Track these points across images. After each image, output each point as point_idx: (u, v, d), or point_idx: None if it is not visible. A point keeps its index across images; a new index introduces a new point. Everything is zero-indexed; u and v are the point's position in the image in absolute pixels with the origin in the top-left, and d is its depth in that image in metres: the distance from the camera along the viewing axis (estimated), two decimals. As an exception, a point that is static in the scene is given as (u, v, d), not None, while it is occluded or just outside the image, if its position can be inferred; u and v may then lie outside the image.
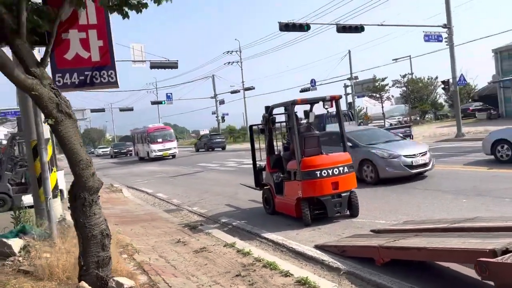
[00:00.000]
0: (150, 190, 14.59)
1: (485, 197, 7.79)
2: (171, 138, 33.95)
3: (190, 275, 5.17)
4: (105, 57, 5.76)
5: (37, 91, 3.49)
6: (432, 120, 45.23)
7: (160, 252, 6.34)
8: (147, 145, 32.82)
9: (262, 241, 6.73)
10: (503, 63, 33.11)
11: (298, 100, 7.46)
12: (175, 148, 33.49)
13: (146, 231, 8.07)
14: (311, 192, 7.14)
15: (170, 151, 32.75)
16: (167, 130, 35.29)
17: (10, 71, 3.34)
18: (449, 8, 22.95)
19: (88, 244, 3.99)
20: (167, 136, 33.66)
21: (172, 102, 48.12)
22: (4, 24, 3.47)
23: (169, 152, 32.63)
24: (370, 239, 5.52)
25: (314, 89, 43.50)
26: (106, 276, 4.08)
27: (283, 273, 4.84)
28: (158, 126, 36.02)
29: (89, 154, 23.32)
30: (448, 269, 4.68)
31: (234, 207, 9.91)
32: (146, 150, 33.22)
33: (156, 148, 32.19)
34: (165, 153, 32.34)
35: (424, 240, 4.54)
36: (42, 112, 3.62)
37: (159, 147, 32.28)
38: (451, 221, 5.46)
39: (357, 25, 20.71)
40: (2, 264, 5.20)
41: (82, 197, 3.92)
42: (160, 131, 33.95)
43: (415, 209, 7.60)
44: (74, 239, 5.67)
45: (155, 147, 32.23)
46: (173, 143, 33.57)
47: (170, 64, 23.11)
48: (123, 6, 4.89)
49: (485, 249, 3.49)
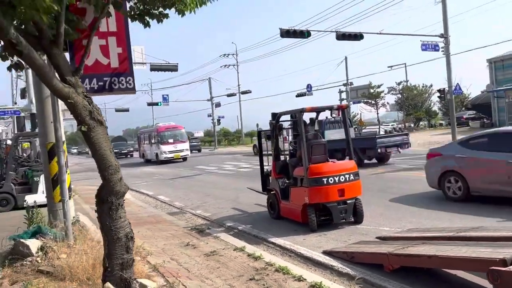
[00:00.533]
0: (151, 192, 14.70)
1: (487, 206, 8.02)
2: (183, 139, 30.42)
3: (204, 278, 5.31)
4: (124, 64, 5.91)
5: (72, 99, 3.64)
6: (426, 127, 45.77)
7: (171, 255, 6.48)
8: (157, 146, 29.62)
9: (269, 246, 6.89)
10: (497, 73, 33.64)
11: (307, 108, 7.66)
12: (187, 150, 30.26)
13: (153, 233, 8.20)
14: (318, 199, 7.33)
15: (182, 153, 29.50)
16: (178, 129, 31.13)
17: (50, 80, 3.48)
18: (446, 18, 23.37)
19: (113, 246, 4.13)
20: (178, 136, 30.18)
21: (168, 104, 48.14)
22: (43, 35, 3.62)
23: (181, 154, 29.42)
24: (378, 246, 5.72)
25: (310, 94, 43.77)
26: (129, 277, 4.22)
27: (296, 277, 5.01)
28: (169, 125, 31.69)
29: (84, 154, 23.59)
30: (455, 276, 4.88)
31: (238, 211, 10.06)
32: (155, 151, 30.06)
33: (167, 149, 28.90)
34: (177, 155, 29.15)
35: (433, 248, 4.73)
36: (76, 119, 3.77)
37: (169, 149, 29.02)
38: (456, 229, 5.67)
39: (356, 33, 21.00)
40: (21, 264, 5.32)
41: (109, 201, 4.06)
42: (171, 131, 30.39)
43: (417, 217, 7.81)
44: (90, 240, 5.83)
45: (165, 148, 28.93)
46: (185, 144, 30.14)
47: (170, 67, 23.25)
48: (145, 16, 5.07)
49: (495, 258, 3.69)
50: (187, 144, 30.59)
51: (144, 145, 33.39)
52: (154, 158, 30.45)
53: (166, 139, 29.39)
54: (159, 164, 28.23)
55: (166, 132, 30.02)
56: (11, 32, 3.15)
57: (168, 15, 5.07)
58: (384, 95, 43.32)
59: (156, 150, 29.80)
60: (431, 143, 25.69)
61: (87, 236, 6.01)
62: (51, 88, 3.55)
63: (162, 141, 29.23)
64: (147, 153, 32.45)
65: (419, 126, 46.12)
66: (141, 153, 34.78)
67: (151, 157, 31.33)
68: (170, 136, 29.69)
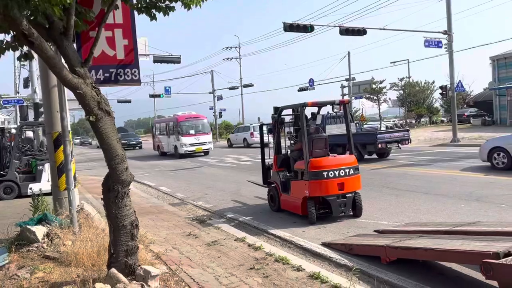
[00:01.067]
0: (153, 184, 14.84)
1: (483, 203, 8.15)
2: (206, 130, 27.12)
3: (206, 266, 5.45)
4: (130, 55, 6.01)
5: (81, 89, 3.75)
6: (427, 124, 45.82)
7: (173, 244, 6.61)
8: (176, 137, 26.28)
9: (269, 237, 7.02)
10: (499, 70, 33.67)
11: (309, 103, 7.75)
12: (210, 143, 26.77)
13: (155, 223, 8.34)
14: (318, 192, 7.45)
15: (204, 146, 26.13)
16: (201, 119, 27.66)
17: (59, 71, 3.59)
18: (450, 15, 23.34)
19: (118, 233, 4.26)
20: (200, 127, 26.93)
21: (170, 96, 48.21)
22: (53, 27, 3.72)
23: (204, 147, 26.10)
24: (376, 238, 5.85)
25: (312, 88, 43.87)
26: (134, 264, 4.36)
27: (295, 267, 5.15)
28: (190, 115, 27.72)
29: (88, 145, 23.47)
30: (450, 269, 5.02)
31: (238, 203, 10.20)
32: (173, 144, 26.80)
33: (188, 141, 25.65)
34: (199, 148, 25.89)
35: (430, 241, 4.86)
36: (84, 109, 3.88)
37: (191, 141, 25.73)
38: (453, 224, 5.79)
39: (359, 28, 21.01)
40: (27, 250, 5.47)
41: (115, 190, 4.19)
42: (192, 121, 26.94)
43: (415, 212, 7.94)
44: (94, 228, 5.97)
45: (186, 140, 25.64)
46: (208, 136, 26.77)
47: (173, 59, 23.25)
48: (152, 9, 5.16)
49: (489, 252, 3.81)
50: (210, 136, 27.14)
51: (160, 136, 29.99)
52: (171, 151, 27.43)
53: (187, 130, 26.06)
54: (178, 158, 25.43)
55: (186, 122, 26.59)
56: (23, 23, 3.25)
57: (174, 8, 5.15)
58: (386, 91, 43.38)
59: (175, 142, 26.57)
60: (432, 139, 25.82)
61: (91, 224, 6.14)
62: (60, 78, 3.66)
63: (182, 132, 25.83)
64: (163, 145, 29.16)
65: (420, 122, 46.18)
66: (155, 145, 31.23)
67: (167, 149, 28.22)
68: (191, 127, 26.43)
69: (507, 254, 3.75)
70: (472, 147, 18.82)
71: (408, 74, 47.60)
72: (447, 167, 13.54)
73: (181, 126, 26.09)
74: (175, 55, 23.16)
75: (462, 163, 14.08)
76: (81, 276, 4.54)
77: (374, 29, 22.11)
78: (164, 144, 28.82)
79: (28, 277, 4.56)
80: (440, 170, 12.91)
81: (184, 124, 26.34)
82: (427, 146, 22.31)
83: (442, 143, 23.10)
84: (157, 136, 30.63)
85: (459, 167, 13.13)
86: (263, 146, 9.42)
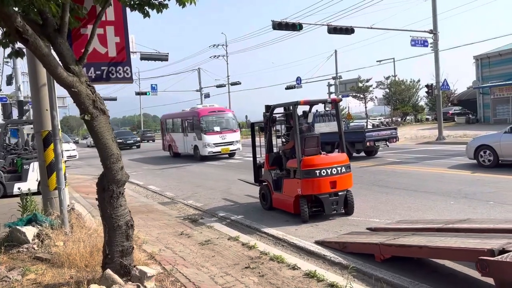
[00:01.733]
0: (141, 182, 14.71)
1: (472, 200, 8.28)
2: (233, 127, 22.17)
3: (200, 266, 5.41)
4: (122, 53, 5.93)
5: (76, 88, 3.68)
6: (413, 122, 46.37)
7: (166, 244, 6.55)
8: (197, 136, 21.49)
9: (262, 236, 7.02)
10: (483, 69, 34.25)
11: (301, 102, 7.76)
12: (238, 143, 21.92)
13: (146, 222, 8.25)
14: (310, 190, 7.47)
15: (232, 146, 21.49)
16: (226, 113, 23.11)
17: (54, 69, 3.51)
18: (436, 15, 23.64)
19: (113, 234, 4.20)
20: (225, 123, 22.14)
21: (156, 94, 47.79)
22: (47, 23, 3.64)
23: (231, 148, 21.49)
24: (369, 236, 5.88)
25: (300, 87, 43.98)
26: (129, 264, 4.30)
27: (290, 266, 5.14)
28: (214, 108, 23.07)
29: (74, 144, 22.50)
30: (443, 266, 5.08)
31: (229, 201, 10.16)
32: (192, 143, 22.02)
33: (212, 141, 20.94)
34: (225, 149, 21.24)
35: (423, 238, 4.91)
36: (79, 108, 3.81)
37: (215, 140, 21.03)
38: (444, 221, 5.86)
39: (347, 27, 21.15)
40: (17, 251, 5.36)
41: (110, 189, 4.12)
42: (217, 115, 22.22)
43: (406, 209, 8.01)
44: (86, 228, 5.88)
45: (210, 139, 20.93)
46: (236, 135, 21.92)
47: (160, 56, 23.12)
48: (145, 6, 5.09)
49: (484, 249, 3.87)
50: (238, 134, 22.22)
51: (173, 135, 25.07)
52: (188, 151, 22.83)
53: (211, 126, 21.36)
54: (199, 161, 21.03)
55: (210, 116, 21.79)
56: (18, 20, 3.17)
57: (167, 5, 5.08)
58: (372, 90, 43.76)
59: (194, 142, 21.78)
60: (418, 137, 26.14)
61: (83, 224, 6.05)
62: (55, 76, 3.58)
63: (205, 129, 21.10)
64: (176, 145, 24.41)
65: (405, 120, 46.71)
66: (165, 144, 26.23)
67: (183, 150, 23.52)
68: (215, 123, 21.69)
69: (502, 251, 3.81)
70: (457, 145, 19.12)
71: (394, 72, 48.13)
72: (434, 164, 13.71)
73: (204, 122, 21.27)
74: (162, 52, 22.99)
75: (449, 161, 14.27)
76: (74, 278, 4.46)
77: (362, 28, 22.25)
78: (179, 143, 24.03)
79: (20, 279, 4.46)
80: (428, 167, 13.07)
81: (207, 120, 21.47)
82: (414, 144, 22.58)
83: (428, 141, 23.39)
84: (168, 134, 25.75)
85: (446, 165, 13.31)
86: (255, 144, 9.40)
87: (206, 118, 21.54)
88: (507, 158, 11.69)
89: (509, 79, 31.33)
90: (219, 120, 22.04)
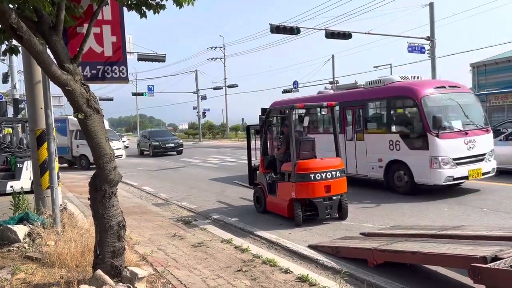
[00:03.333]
0: (136, 183, 14.64)
1: (465, 207, 8.30)
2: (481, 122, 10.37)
3: (192, 268, 5.37)
4: (118, 53, 5.89)
5: (70, 86, 3.65)
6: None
7: (158, 245, 6.51)
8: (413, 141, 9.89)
9: (255, 239, 6.99)
10: (479, 77, 34.41)
11: (297, 106, 7.75)
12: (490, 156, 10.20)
13: (139, 223, 8.21)
14: (304, 194, 7.45)
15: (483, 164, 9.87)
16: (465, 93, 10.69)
17: (48, 66, 3.49)
18: (433, 22, 23.77)
19: (105, 234, 4.17)
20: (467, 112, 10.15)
21: (153, 94, 47.71)
22: (43, 21, 3.62)
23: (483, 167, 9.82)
24: (362, 241, 5.87)
25: (296, 91, 43.98)
26: (120, 265, 4.27)
27: (283, 269, 5.11)
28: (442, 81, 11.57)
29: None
30: (436, 272, 5.07)
31: (223, 204, 10.13)
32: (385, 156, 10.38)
33: (452, 151, 9.36)
34: (475, 170, 9.58)
35: (417, 244, 4.90)
36: (72, 106, 3.78)
37: (460, 149, 9.46)
38: (438, 228, 5.86)
39: (345, 32, 21.21)
40: (8, 250, 5.31)
41: (103, 189, 4.10)
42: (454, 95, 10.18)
43: (400, 215, 8.01)
44: (78, 228, 5.83)
45: (449, 148, 9.33)
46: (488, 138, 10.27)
47: (158, 57, 23.01)
48: (142, 6, 5.07)
49: (476, 256, 3.86)
50: (491, 136, 10.52)
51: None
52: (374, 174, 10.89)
53: (445, 120, 9.72)
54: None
55: (441, 97, 10.03)
56: (12, 16, 3.15)
57: (165, 6, 5.07)
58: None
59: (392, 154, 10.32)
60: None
61: (75, 224, 6.00)
62: (49, 74, 3.55)
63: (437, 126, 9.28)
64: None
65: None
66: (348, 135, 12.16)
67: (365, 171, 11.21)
68: (455, 112, 10.16)
69: (494, 258, 3.80)
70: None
71: (390, 78, 48.20)
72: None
73: (431, 107, 9.63)
74: (160, 53, 22.93)
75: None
76: (65, 278, 4.42)
77: (359, 33, 22.31)
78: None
79: (9, 278, 4.41)
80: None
81: (437, 105, 9.90)
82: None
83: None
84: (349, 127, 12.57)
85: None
86: (250, 147, 9.38)
87: (434, 100, 9.86)
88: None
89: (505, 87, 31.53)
90: (460, 107, 10.09)
